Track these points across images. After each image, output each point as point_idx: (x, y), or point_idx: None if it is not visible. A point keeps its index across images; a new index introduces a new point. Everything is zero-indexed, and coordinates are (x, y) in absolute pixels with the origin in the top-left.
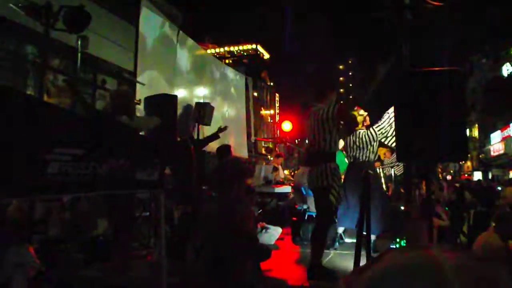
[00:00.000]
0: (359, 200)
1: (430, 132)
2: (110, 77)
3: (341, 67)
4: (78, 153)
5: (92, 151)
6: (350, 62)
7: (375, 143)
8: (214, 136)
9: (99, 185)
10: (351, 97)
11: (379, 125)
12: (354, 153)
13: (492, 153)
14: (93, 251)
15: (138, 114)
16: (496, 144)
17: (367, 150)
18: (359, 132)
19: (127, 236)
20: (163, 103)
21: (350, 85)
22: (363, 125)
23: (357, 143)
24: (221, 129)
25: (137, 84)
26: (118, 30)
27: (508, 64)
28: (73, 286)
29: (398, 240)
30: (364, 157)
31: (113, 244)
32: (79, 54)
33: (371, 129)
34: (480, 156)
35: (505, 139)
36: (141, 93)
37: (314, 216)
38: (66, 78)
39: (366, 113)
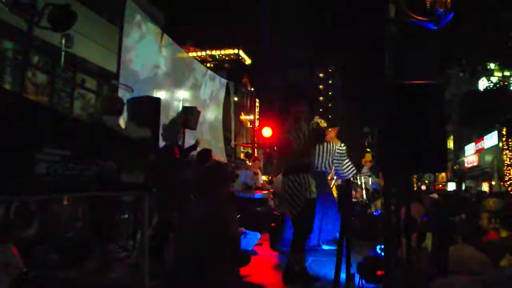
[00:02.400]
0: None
1: (410, 143)
2: (90, 77)
3: (321, 75)
4: (67, 154)
5: (80, 152)
6: (330, 70)
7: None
8: (194, 148)
9: (87, 186)
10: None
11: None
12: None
13: (466, 165)
14: (71, 252)
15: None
16: (470, 156)
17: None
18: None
19: (106, 238)
20: (146, 106)
21: (330, 93)
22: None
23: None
24: (198, 142)
25: (119, 86)
26: (101, 30)
27: (484, 78)
28: (49, 286)
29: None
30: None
31: (91, 246)
32: (62, 53)
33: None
34: (455, 167)
35: (478, 152)
36: (122, 94)
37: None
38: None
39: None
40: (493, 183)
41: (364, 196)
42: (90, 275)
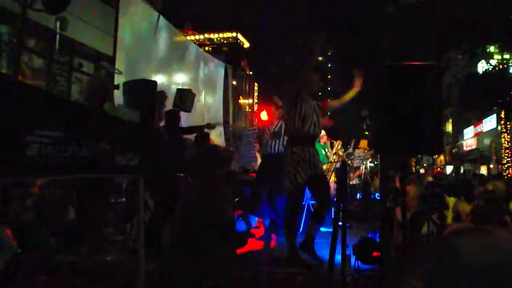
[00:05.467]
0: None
1: (407, 126)
2: (87, 61)
3: (320, 58)
4: (59, 136)
5: (72, 134)
6: (329, 54)
7: None
8: (199, 129)
9: (79, 168)
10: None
11: None
12: None
13: (464, 148)
14: (67, 235)
15: (115, 99)
16: (468, 139)
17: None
18: None
19: (102, 221)
20: (142, 89)
21: (329, 76)
22: None
23: None
24: (209, 126)
25: (115, 69)
26: (97, 13)
27: (483, 61)
28: (48, 270)
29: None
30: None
31: (87, 229)
32: (57, 36)
33: None
34: (453, 150)
35: (477, 135)
36: (119, 78)
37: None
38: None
39: None
40: (491, 166)
41: (356, 180)
42: (86, 258)
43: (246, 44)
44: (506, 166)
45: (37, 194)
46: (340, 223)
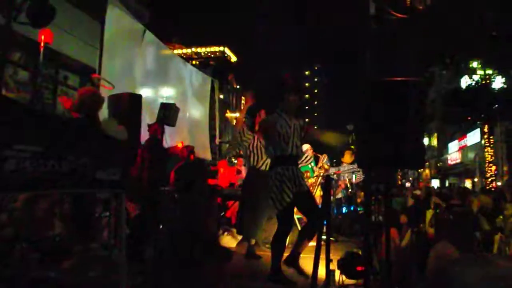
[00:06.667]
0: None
1: (389, 140)
2: (73, 74)
3: (307, 73)
4: (37, 150)
5: (52, 148)
6: (316, 68)
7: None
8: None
9: (59, 183)
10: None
11: None
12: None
13: (449, 162)
14: (50, 251)
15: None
16: (453, 153)
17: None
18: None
19: (85, 236)
20: (127, 103)
21: (316, 91)
22: None
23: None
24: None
25: (101, 82)
26: (83, 26)
27: (466, 76)
28: (29, 286)
29: None
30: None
31: (70, 244)
32: (41, 49)
33: None
34: (438, 164)
35: (461, 149)
36: (104, 91)
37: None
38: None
39: None
40: (476, 179)
41: (340, 194)
42: (69, 273)
43: (234, 58)
44: (490, 179)
45: (19, 209)
46: (324, 238)
